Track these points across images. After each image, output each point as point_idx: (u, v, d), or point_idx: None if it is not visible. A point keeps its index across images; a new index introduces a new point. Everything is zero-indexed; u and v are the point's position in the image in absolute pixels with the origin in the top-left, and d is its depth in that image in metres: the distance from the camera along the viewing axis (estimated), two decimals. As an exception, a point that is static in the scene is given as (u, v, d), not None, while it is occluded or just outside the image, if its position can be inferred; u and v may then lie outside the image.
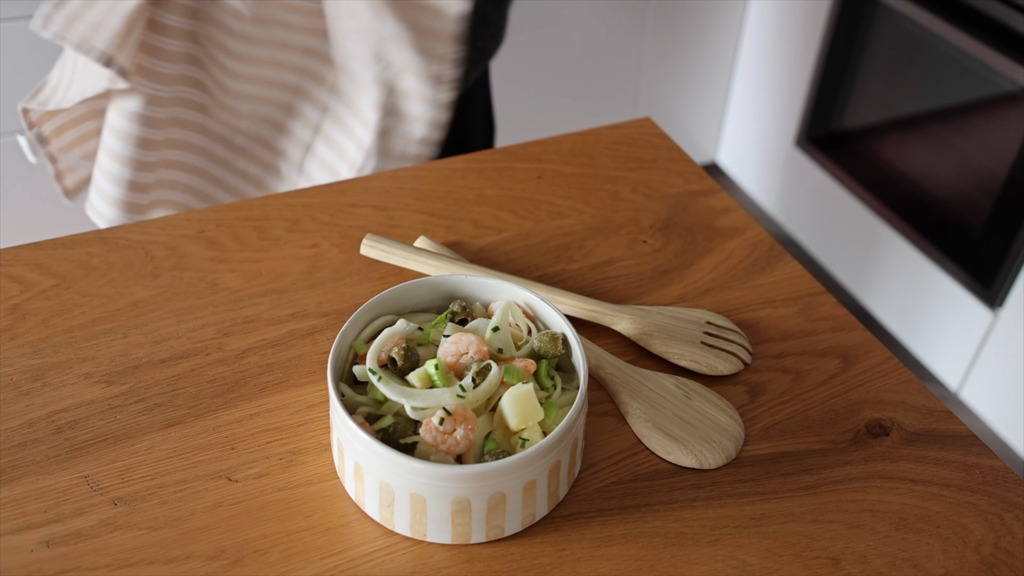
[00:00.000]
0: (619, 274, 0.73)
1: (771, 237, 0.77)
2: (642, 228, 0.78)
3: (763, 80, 2.16)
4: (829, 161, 2.00)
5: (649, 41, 2.07)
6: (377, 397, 0.55)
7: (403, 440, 0.53)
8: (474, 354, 0.56)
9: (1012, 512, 0.56)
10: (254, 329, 0.66)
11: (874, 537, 0.54)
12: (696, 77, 2.20)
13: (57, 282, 0.69)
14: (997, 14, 1.54)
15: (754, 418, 0.61)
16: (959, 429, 0.61)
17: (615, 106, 2.15)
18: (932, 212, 1.77)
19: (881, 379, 0.65)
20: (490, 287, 0.61)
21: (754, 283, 0.73)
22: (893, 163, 1.85)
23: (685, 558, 0.52)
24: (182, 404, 0.60)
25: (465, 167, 0.84)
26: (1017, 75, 1.52)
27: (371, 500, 0.53)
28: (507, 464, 0.49)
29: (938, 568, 0.52)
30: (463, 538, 0.52)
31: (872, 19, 1.82)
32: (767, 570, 0.52)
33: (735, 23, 2.15)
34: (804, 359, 0.66)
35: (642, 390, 0.62)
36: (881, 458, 0.59)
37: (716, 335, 0.66)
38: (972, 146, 1.66)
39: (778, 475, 0.58)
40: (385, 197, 0.80)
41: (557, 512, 0.55)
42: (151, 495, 0.55)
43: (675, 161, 0.86)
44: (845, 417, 0.62)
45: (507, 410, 0.53)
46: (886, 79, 1.83)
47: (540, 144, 0.88)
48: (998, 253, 1.62)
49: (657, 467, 0.58)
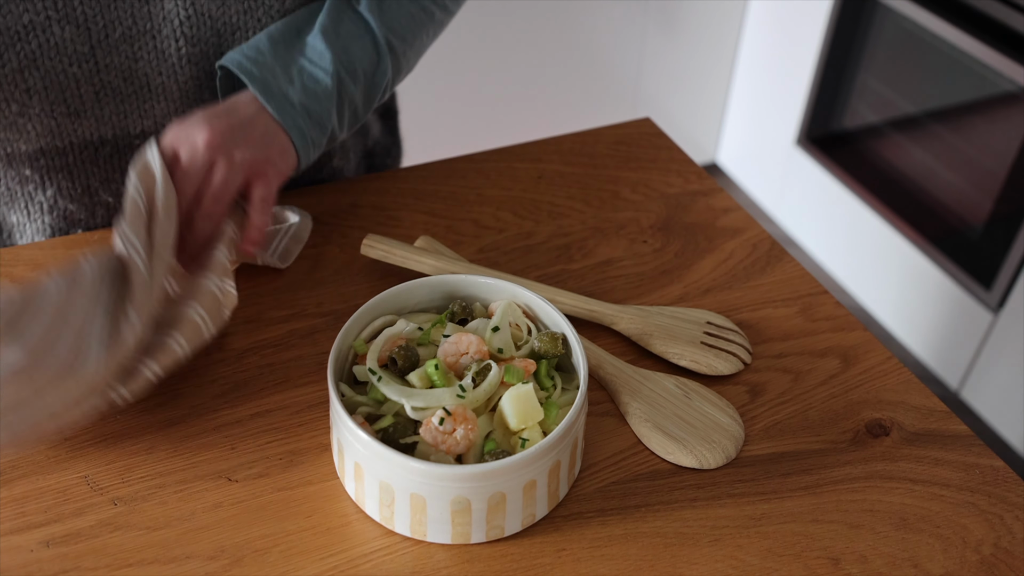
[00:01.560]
0: (619, 274, 0.73)
1: (771, 237, 0.77)
2: (642, 228, 0.78)
3: (763, 80, 2.16)
4: (829, 161, 2.00)
5: (649, 41, 2.07)
6: (377, 397, 0.55)
7: (403, 440, 0.53)
8: (474, 354, 0.56)
9: (1012, 512, 0.56)
10: (254, 329, 0.66)
11: (874, 537, 0.54)
12: (696, 77, 2.20)
13: (57, 282, 0.69)
14: (997, 14, 1.54)
15: (754, 418, 0.61)
16: (959, 429, 0.61)
17: (615, 106, 2.15)
18: (932, 212, 1.77)
19: (881, 379, 0.65)
20: (490, 287, 0.61)
21: (754, 283, 0.73)
22: (893, 163, 1.85)
23: (685, 558, 0.52)
24: (182, 404, 0.60)
25: (465, 167, 0.84)
26: (1017, 75, 1.52)
27: (371, 500, 0.53)
28: (507, 464, 0.49)
29: (938, 568, 0.52)
30: (463, 538, 0.52)
31: (872, 19, 1.82)
32: (767, 570, 0.52)
33: (735, 23, 2.15)
34: (804, 359, 0.66)
35: (642, 390, 0.62)
36: (881, 458, 0.59)
37: (716, 335, 0.66)
38: (972, 146, 1.66)
39: (778, 475, 0.58)
40: (385, 197, 0.80)
41: (557, 512, 0.55)
42: (151, 495, 0.55)
43: (675, 161, 0.86)
44: (845, 417, 0.62)
45: (507, 410, 0.53)
46: (886, 79, 1.83)
47: (540, 144, 0.88)
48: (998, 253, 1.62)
49: (657, 467, 0.58)
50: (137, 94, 0.68)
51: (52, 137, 0.68)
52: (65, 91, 0.65)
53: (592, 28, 1.99)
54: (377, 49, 0.73)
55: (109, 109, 0.68)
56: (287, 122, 0.66)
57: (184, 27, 0.66)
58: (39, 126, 0.66)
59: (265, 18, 0.69)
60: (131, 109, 0.69)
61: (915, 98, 1.77)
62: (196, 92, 0.70)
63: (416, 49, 0.78)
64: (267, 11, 0.69)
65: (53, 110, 0.66)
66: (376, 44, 0.73)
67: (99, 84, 0.66)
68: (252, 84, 0.65)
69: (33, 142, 0.68)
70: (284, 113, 0.66)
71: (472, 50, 1.90)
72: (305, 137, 0.67)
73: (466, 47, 1.89)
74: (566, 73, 2.04)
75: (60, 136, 0.68)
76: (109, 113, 0.68)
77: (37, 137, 0.67)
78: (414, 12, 0.76)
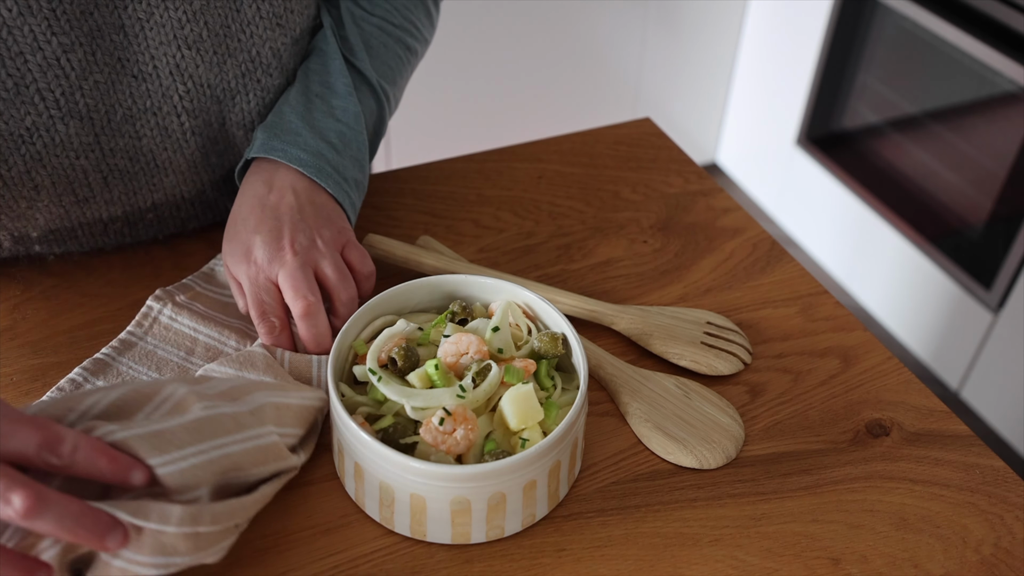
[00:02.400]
0: (619, 274, 0.73)
1: (771, 237, 0.77)
2: (642, 228, 0.78)
3: (763, 80, 2.16)
4: (829, 161, 2.00)
5: (649, 41, 2.07)
6: (377, 397, 0.55)
7: (403, 440, 0.53)
8: (474, 354, 0.56)
9: (1012, 512, 0.56)
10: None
11: (874, 537, 0.54)
12: (696, 77, 2.20)
13: (57, 282, 0.69)
14: (997, 14, 1.54)
15: (754, 418, 0.61)
16: (959, 429, 0.61)
17: (615, 106, 2.15)
18: (932, 212, 1.77)
19: (881, 379, 0.65)
20: (490, 287, 0.61)
21: (754, 283, 0.73)
22: (893, 163, 1.85)
23: (685, 558, 0.52)
24: (182, 404, 0.60)
25: (465, 167, 0.84)
26: (1017, 75, 1.52)
27: (371, 500, 0.53)
28: (507, 464, 0.49)
29: (938, 568, 0.52)
30: (463, 538, 0.52)
31: (872, 19, 1.82)
32: (767, 570, 0.52)
33: (735, 23, 2.15)
34: (804, 359, 0.66)
35: (642, 390, 0.62)
36: (881, 458, 0.59)
37: (716, 335, 0.66)
38: (972, 146, 1.66)
39: (778, 475, 0.58)
40: (385, 197, 0.80)
41: (557, 512, 0.55)
42: (151, 495, 0.55)
43: (675, 161, 0.86)
44: (845, 417, 0.62)
45: (507, 410, 0.53)
46: (886, 79, 1.83)
47: (540, 144, 0.88)
48: (998, 253, 1.62)
49: (657, 467, 0.58)
50: (144, 171, 0.67)
51: (61, 221, 0.66)
52: (73, 183, 0.64)
53: (592, 28, 1.99)
54: (377, 101, 0.73)
55: (118, 191, 0.67)
56: (341, 197, 0.66)
57: (184, 101, 0.65)
58: (47, 215, 0.65)
59: (264, 78, 0.67)
60: (139, 187, 0.67)
61: (915, 98, 1.77)
62: (203, 160, 0.69)
63: (400, 92, 0.78)
64: (266, 71, 0.67)
65: (62, 200, 0.64)
66: (376, 96, 0.73)
67: (106, 170, 0.65)
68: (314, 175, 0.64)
69: (42, 228, 0.66)
70: (339, 190, 0.66)
71: (472, 50, 1.90)
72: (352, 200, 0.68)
73: (466, 47, 1.89)
74: (566, 73, 2.04)
75: (69, 219, 0.67)
76: (118, 195, 0.67)
77: (46, 223, 0.66)
78: (400, 53, 0.76)
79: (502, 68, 1.96)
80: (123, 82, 0.62)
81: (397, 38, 0.76)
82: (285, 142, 0.65)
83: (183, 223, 0.73)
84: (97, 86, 0.61)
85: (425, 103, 1.91)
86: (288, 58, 0.69)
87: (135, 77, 0.62)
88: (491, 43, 1.91)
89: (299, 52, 0.70)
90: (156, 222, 0.71)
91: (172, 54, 0.63)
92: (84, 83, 0.60)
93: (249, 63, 0.66)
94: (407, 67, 0.78)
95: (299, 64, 0.71)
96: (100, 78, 0.61)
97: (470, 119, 2.00)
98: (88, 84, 0.60)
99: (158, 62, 0.63)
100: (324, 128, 0.67)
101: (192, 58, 0.63)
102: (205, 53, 0.64)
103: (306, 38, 0.71)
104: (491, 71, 1.96)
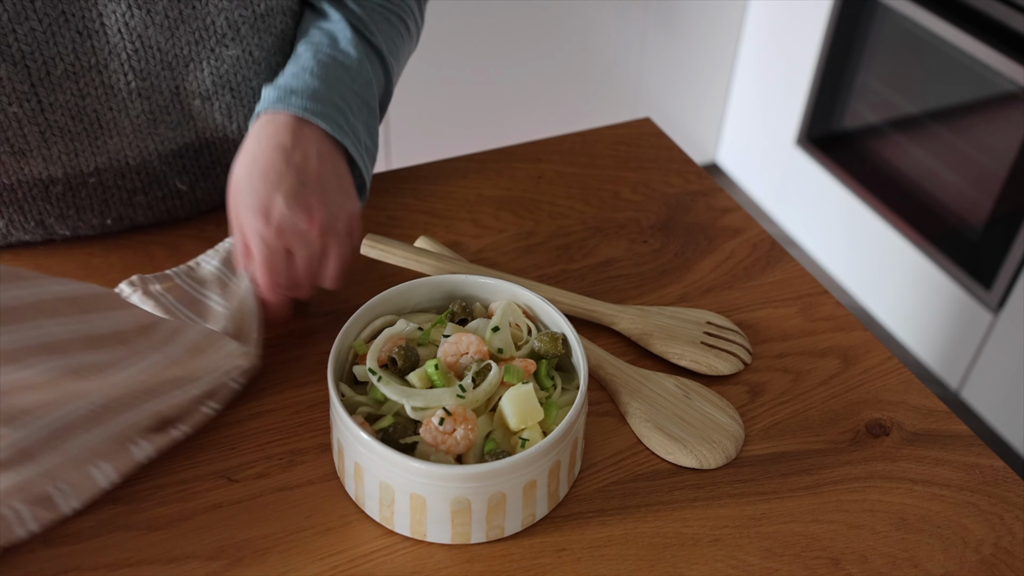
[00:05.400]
0: (619, 274, 0.73)
1: (771, 237, 0.77)
2: (642, 228, 0.78)
3: (763, 80, 2.16)
4: (829, 161, 2.00)
5: (649, 41, 2.07)
6: (377, 397, 0.55)
7: (403, 440, 0.53)
8: (474, 354, 0.56)
9: (1012, 512, 0.56)
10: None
11: (874, 537, 0.54)
12: (696, 77, 2.20)
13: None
14: (997, 14, 1.54)
15: (754, 418, 0.61)
16: (959, 429, 0.61)
17: (615, 106, 2.15)
18: (932, 212, 1.77)
19: (881, 379, 0.65)
20: (490, 287, 0.61)
21: (754, 283, 0.73)
22: (893, 163, 1.85)
23: (685, 558, 0.52)
24: (182, 404, 0.60)
25: (465, 167, 0.84)
26: (1017, 75, 1.52)
27: (371, 500, 0.53)
28: (507, 464, 0.49)
29: (938, 568, 0.52)
30: (463, 538, 0.52)
31: (872, 19, 1.82)
32: (767, 570, 0.52)
33: (735, 23, 2.15)
34: (804, 359, 0.66)
35: (642, 390, 0.62)
36: (881, 458, 0.59)
37: (716, 335, 0.66)
38: (972, 146, 1.66)
39: (778, 475, 0.58)
40: (385, 197, 0.80)
41: (557, 512, 0.55)
42: (151, 495, 0.55)
43: (675, 161, 0.86)
44: (845, 417, 0.62)
45: (507, 410, 0.53)
46: (886, 79, 1.83)
47: (540, 144, 0.88)
48: (998, 253, 1.62)
49: (657, 467, 0.58)
50: (87, 132, 0.66)
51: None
52: (7, 130, 0.63)
53: (592, 28, 1.99)
54: (385, 72, 0.73)
55: (57, 148, 0.65)
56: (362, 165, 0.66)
57: (132, 60, 0.64)
58: None
59: (218, 47, 0.67)
60: (81, 147, 0.66)
61: (915, 98, 1.77)
62: (149, 126, 0.68)
63: (401, 70, 0.78)
64: (220, 40, 0.66)
65: None
66: (384, 66, 0.72)
67: (44, 124, 0.64)
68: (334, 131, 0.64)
69: None
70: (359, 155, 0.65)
71: (472, 50, 1.90)
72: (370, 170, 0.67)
73: (466, 47, 1.89)
74: (566, 73, 2.04)
75: (6, 174, 0.66)
76: (57, 152, 0.66)
77: None
78: (401, 31, 0.76)
79: (502, 68, 1.96)
80: (65, 35, 0.61)
81: (398, 16, 0.76)
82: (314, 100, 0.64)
83: (129, 196, 0.71)
84: (33, 33, 0.60)
85: (425, 103, 1.91)
86: (247, 31, 0.67)
87: (79, 33, 0.62)
88: (491, 43, 1.91)
89: (264, 29, 0.69)
90: (100, 189, 0.70)
91: (122, 12, 0.62)
92: (18, 27, 0.60)
93: (203, 31, 0.65)
94: (406, 47, 0.78)
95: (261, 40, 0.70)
96: (37, 26, 0.60)
97: (470, 119, 2.00)
98: (23, 29, 0.60)
99: (106, 19, 0.62)
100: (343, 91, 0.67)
101: (142, 18, 0.63)
102: (156, 15, 0.63)
103: (276, 17, 0.70)
104: (491, 71, 1.96)
